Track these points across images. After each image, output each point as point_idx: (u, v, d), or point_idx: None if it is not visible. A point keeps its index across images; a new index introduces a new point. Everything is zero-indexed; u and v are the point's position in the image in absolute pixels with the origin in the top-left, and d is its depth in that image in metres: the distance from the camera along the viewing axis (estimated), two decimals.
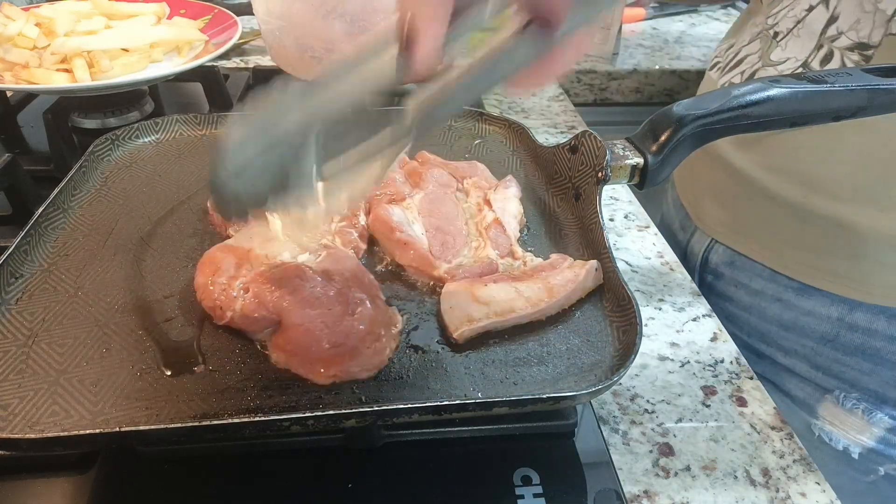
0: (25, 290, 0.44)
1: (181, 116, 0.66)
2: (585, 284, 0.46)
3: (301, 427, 0.35)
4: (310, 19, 0.77)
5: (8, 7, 0.79)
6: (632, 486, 0.43)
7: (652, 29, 1.34)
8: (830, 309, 0.64)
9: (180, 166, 0.61)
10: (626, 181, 0.48)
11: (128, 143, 0.63)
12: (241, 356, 0.41)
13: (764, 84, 0.44)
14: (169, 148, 0.64)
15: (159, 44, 0.82)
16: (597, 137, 0.50)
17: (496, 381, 0.41)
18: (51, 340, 0.41)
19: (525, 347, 0.43)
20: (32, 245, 0.47)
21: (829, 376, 0.66)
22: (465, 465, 0.42)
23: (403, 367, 0.41)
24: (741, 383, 0.51)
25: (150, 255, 0.49)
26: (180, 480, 0.41)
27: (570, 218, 0.54)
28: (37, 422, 0.36)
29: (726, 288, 0.73)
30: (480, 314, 0.43)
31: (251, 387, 0.39)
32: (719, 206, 0.73)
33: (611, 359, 0.42)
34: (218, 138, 0.54)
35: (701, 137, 0.45)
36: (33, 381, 0.38)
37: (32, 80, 0.73)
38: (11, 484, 0.40)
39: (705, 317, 0.58)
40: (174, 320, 0.43)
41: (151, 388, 0.38)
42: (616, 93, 1.16)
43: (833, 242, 0.62)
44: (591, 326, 0.44)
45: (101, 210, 0.53)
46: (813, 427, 0.68)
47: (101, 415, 0.36)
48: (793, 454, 0.45)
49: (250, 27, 1.12)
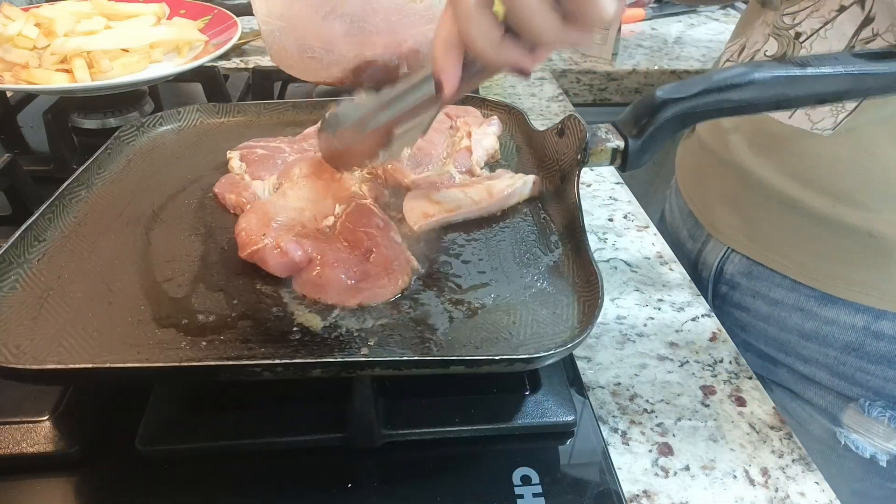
0: (46, 252, 0.49)
1: (202, 106, 0.71)
2: (521, 191, 0.56)
3: (271, 374, 0.37)
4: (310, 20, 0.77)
5: (8, 7, 0.79)
6: (631, 485, 0.43)
7: (651, 29, 1.35)
8: (855, 318, 0.62)
9: (197, 151, 0.65)
10: (609, 163, 0.49)
11: (151, 130, 0.67)
12: (232, 313, 0.44)
13: (746, 68, 0.44)
14: (189, 135, 0.68)
15: (159, 44, 0.82)
16: (580, 120, 0.51)
17: (462, 343, 0.42)
18: (63, 295, 0.45)
19: (492, 316, 0.44)
20: (56, 214, 0.52)
21: (852, 385, 0.65)
22: (464, 464, 0.43)
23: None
24: (740, 383, 0.51)
25: (158, 225, 0.53)
26: (180, 480, 0.41)
27: (556, 198, 0.56)
28: (43, 360, 0.39)
29: (742, 298, 0.71)
30: (433, 210, 0.53)
31: (235, 339, 0.41)
32: (735, 215, 0.70)
33: (572, 329, 0.42)
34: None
35: (683, 120, 0.45)
36: (44, 326, 0.42)
37: (32, 81, 0.73)
38: (11, 484, 0.41)
39: (704, 317, 0.58)
40: (172, 280, 0.46)
41: (145, 338, 0.41)
42: (615, 93, 1.16)
43: (861, 252, 0.60)
44: (559, 300, 0.45)
45: (120, 188, 0.58)
46: (839, 435, 0.66)
47: (97, 357, 0.40)
48: (792, 454, 0.45)
49: (250, 27, 1.13)
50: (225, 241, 0.51)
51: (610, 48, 1.15)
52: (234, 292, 0.45)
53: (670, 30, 1.35)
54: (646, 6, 1.40)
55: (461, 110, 0.69)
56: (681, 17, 1.41)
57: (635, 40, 1.27)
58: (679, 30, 1.35)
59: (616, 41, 1.15)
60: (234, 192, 0.55)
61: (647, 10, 1.39)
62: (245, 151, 0.61)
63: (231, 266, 0.48)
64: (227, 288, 0.46)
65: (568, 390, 0.47)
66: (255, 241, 0.48)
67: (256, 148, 0.61)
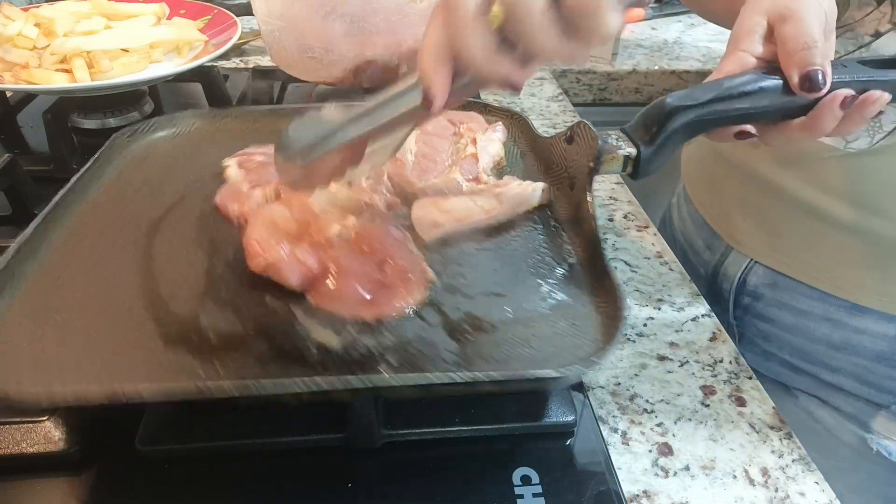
0: (42, 269, 0.46)
1: (196, 112, 0.68)
2: (531, 199, 0.55)
3: (293, 399, 0.36)
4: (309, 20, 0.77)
5: (7, 7, 0.79)
6: (631, 485, 0.43)
7: (651, 29, 1.35)
8: (887, 327, 0.61)
9: (195, 158, 0.63)
10: (620, 171, 0.49)
11: (146, 137, 0.65)
12: (245, 330, 0.42)
13: (756, 75, 0.44)
14: (184, 142, 0.66)
15: (159, 44, 0.82)
16: (591, 128, 0.50)
17: (484, 359, 0.41)
18: (62, 311, 0.42)
19: (512, 330, 0.43)
20: (51, 227, 0.49)
21: (882, 392, 0.64)
22: (464, 464, 0.43)
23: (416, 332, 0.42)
24: (740, 383, 0.51)
25: (159, 237, 0.51)
26: (180, 480, 0.41)
27: (566, 206, 0.55)
28: (50, 388, 0.37)
29: (766, 309, 0.70)
30: (443, 219, 0.52)
31: (248, 359, 0.40)
32: (758, 226, 0.69)
33: (595, 342, 0.42)
34: (222, 128, 0.66)
35: (694, 128, 0.45)
36: (42, 346, 0.40)
37: (32, 81, 0.73)
38: (11, 484, 0.40)
39: (704, 317, 0.58)
40: (178, 297, 0.45)
41: (155, 360, 0.39)
42: (615, 93, 1.16)
43: (892, 262, 0.59)
44: (578, 311, 0.44)
45: (117, 196, 0.56)
46: (870, 442, 0.65)
47: (108, 383, 0.37)
48: (792, 454, 0.45)
49: (250, 27, 1.13)
50: (230, 254, 0.49)
51: (610, 48, 1.15)
52: (245, 308, 0.44)
53: (670, 30, 1.35)
54: (646, 6, 1.40)
55: (464, 116, 0.68)
56: (681, 18, 1.41)
57: (635, 40, 1.27)
58: (679, 30, 1.35)
59: (616, 41, 1.15)
60: (236, 201, 0.54)
61: (647, 10, 1.39)
62: (242, 159, 0.60)
63: (239, 280, 0.46)
64: (237, 303, 0.44)
65: (568, 390, 0.47)
66: (269, 252, 0.46)
67: (255, 155, 0.60)
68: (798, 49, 0.42)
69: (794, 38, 0.42)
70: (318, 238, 0.49)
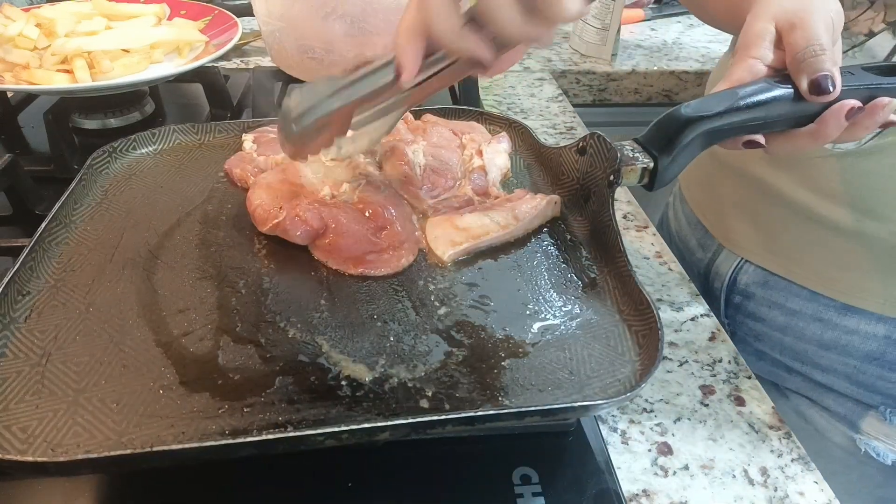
0: (34, 308, 0.43)
1: (178, 126, 0.65)
2: (546, 212, 0.55)
3: (336, 441, 0.35)
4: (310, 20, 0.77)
5: (8, 7, 0.80)
6: (630, 485, 0.43)
7: (650, 30, 1.35)
8: (877, 327, 0.62)
9: (181, 177, 0.60)
10: (636, 183, 0.48)
11: (126, 155, 0.62)
12: (269, 368, 0.40)
13: (768, 84, 0.43)
14: (168, 158, 0.63)
15: (160, 45, 0.82)
16: (606, 139, 0.50)
17: (523, 386, 0.40)
18: (65, 359, 0.40)
19: (547, 354, 0.42)
20: (37, 261, 0.46)
21: (872, 392, 0.64)
22: (464, 464, 0.43)
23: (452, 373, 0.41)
24: (739, 383, 0.51)
25: (160, 268, 0.48)
26: (180, 480, 0.41)
27: (580, 219, 0.54)
28: (59, 444, 0.34)
29: (757, 308, 0.70)
30: (461, 238, 0.51)
31: (278, 400, 0.38)
32: (751, 226, 0.69)
33: (632, 363, 0.41)
34: (216, 145, 0.65)
35: (710, 138, 0.45)
36: (51, 401, 0.37)
37: (33, 81, 0.73)
38: (11, 484, 0.40)
39: (703, 316, 0.58)
40: (192, 334, 0.42)
41: (175, 406, 0.37)
42: (615, 93, 1.16)
43: (884, 263, 0.60)
44: (610, 330, 0.44)
45: (104, 223, 0.53)
46: (859, 442, 0.66)
47: (125, 434, 0.35)
48: (791, 453, 0.45)
49: (250, 28, 1.13)
50: (241, 284, 0.47)
51: (609, 49, 1.15)
52: (266, 343, 0.42)
53: (669, 30, 1.35)
54: (645, 6, 1.40)
55: (466, 126, 0.67)
56: (680, 18, 1.41)
57: (634, 41, 1.27)
58: (678, 31, 1.35)
59: (615, 42, 1.15)
60: (239, 166, 0.58)
61: (647, 10, 1.40)
62: (258, 134, 0.63)
63: (255, 312, 0.44)
64: (257, 338, 0.42)
65: None
66: (274, 214, 0.50)
67: (269, 132, 0.63)
68: (808, 56, 0.42)
69: (804, 45, 0.42)
70: (310, 199, 0.52)
